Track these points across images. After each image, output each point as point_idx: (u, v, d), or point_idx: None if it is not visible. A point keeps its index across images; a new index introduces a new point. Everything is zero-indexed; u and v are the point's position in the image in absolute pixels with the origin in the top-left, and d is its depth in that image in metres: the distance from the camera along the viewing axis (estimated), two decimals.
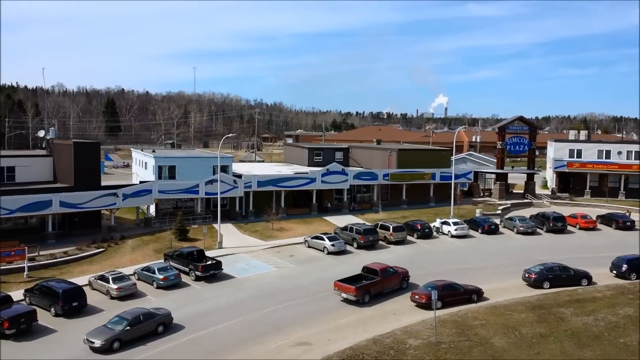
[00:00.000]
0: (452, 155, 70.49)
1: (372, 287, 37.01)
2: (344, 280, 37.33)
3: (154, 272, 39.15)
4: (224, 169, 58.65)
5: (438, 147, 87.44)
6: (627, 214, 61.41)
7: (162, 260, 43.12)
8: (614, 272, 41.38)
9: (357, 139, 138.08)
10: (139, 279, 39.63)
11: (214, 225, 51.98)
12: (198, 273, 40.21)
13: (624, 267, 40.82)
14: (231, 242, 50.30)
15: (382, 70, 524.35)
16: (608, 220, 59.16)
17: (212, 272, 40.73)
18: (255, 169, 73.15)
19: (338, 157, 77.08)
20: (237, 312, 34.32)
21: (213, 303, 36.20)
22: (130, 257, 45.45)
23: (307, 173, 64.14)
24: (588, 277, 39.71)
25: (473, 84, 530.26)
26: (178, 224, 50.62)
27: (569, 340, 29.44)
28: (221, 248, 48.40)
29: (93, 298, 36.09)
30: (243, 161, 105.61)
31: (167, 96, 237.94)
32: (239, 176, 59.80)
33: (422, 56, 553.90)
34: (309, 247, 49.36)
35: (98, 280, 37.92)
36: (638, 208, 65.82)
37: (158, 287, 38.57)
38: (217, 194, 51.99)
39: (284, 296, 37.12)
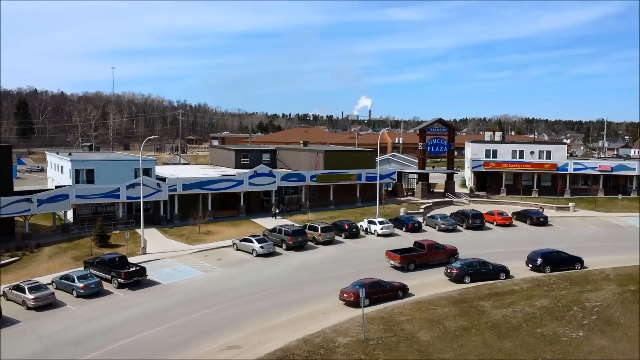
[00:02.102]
0: (377, 157, 72.04)
1: (417, 258, 43.83)
2: (394, 251, 44.30)
3: (73, 281, 37.42)
4: (147, 172, 56.91)
5: (363, 149, 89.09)
6: (541, 210, 65.03)
7: (82, 268, 41.27)
8: (530, 265, 43.71)
9: (284, 140, 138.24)
10: (57, 288, 37.76)
11: (137, 230, 50.34)
12: (121, 280, 38.79)
13: (539, 260, 43.16)
14: (156, 247, 48.90)
15: (308, 72, 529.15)
16: (523, 216, 62.39)
17: (136, 279, 39.41)
18: (180, 171, 71.56)
19: (265, 159, 76.84)
20: (163, 319, 33.41)
21: (138, 310, 35.04)
22: (47, 266, 43.20)
23: (235, 175, 63.47)
24: (506, 271, 41.73)
25: (395, 86, 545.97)
26: (98, 230, 48.64)
27: (489, 332, 30.81)
28: (145, 254, 46.93)
29: (8, 309, 33.98)
30: (167, 164, 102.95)
31: (84, 97, 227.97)
32: (163, 179, 58.26)
33: (346, 58, 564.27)
34: (237, 249, 48.84)
35: (13, 291, 35.84)
36: (550, 204, 70.00)
37: (78, 296, 36.87)
38: (139, 198, 50.37)
39: (212, 300, 36.53)
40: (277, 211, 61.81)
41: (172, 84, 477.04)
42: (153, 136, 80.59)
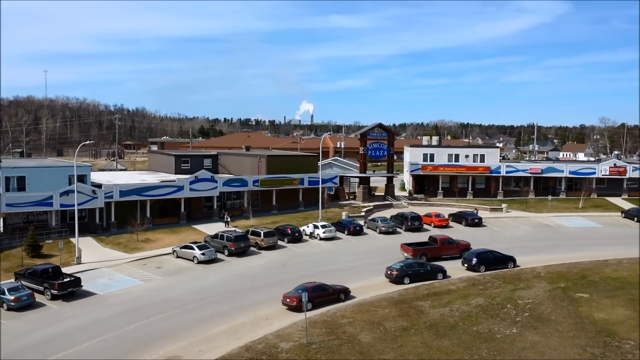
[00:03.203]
0: (319, 161, 72.51)
1: (429, 251, 47.17)
2: (408, 244, 48.12)
3: (3, 293, 35.66)
4: (82, 178, 54.96)
5: (306, 153, 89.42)
6: (475, 211, 67.28)
7: (13, 280, 39.40)
8: (465, 265, 45.18)
9: (226, 145, 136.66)
10: None
11: (72, 239, 48.60)
12: (54, 292, 37.33)
13: (474, 260, 44.70)
14: (91, 256, 47.33)
15: (250, 77, 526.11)
16: (459, 218, 64.40)
17: (71, 290, 38.03)
18: (117, 178, 69.55)
19: (207, 164, 75.85)
20: (99, 331, 32.37)
21: (73, 322, 33.80)
22: None
23: (175, 181, 62.30)
24: (443, 271, 42.96)
25: (337, 92, 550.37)
26: (30, 240, 46.61)
27: (428, 331, 31.62)
28: (80, 263, 45.35)
29: None
30: (103, 170, 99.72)
31: (15, 101, 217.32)
32: (99, 186, 56.49)
33: (288, 64, 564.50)
34: (177, 257, 47.94)
35: None
36: (484, 206, 72.50)
37: (9, 309, 35.19)
38: (74, 205, 48.62)
39: (151, 310, 35.69)
40: (229, 219, 59.80)
41: (109, 89, 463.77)
42: (88, 141, 77.92)
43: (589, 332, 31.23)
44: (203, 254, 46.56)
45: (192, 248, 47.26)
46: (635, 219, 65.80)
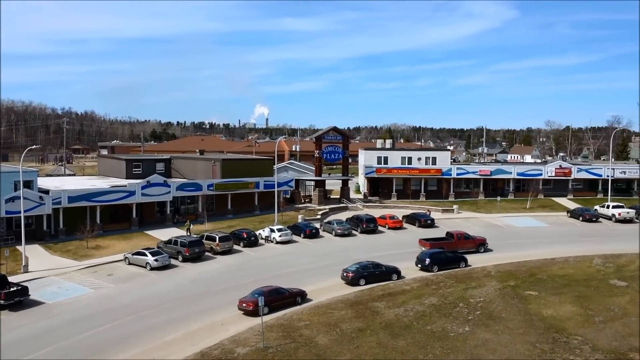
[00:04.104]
0: (275, 164, 72.46)
1: (446, 246, 49.42)
2: (426, 239, 51.40)
3: None
4: (28, 184, 53.13)
5: (261, 157, 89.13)
6: (428, 213, 68.59)
7: None
8: (419, 265, 45.96)
9: (179, 149, 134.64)
10: None
11: (18, 247, 46.87)
12: (0, 301, 35.90)
13: (427, 260, 45.52)
14: (39, 264, 45.78)
15: (203, 79, 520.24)
16: (412, 219, 65.47)
17: (18, 299, 36.66)
18: (66, 183, 67.54)
19: (159, 168, 74.58)
20: (49, 340, 31.31)
21: (20, 333, 32.58)
22: None
23: (126, 186, 60.97)
24: (397, 272, 43.57)
25: (291, 95, 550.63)
26: None
27: (383, 331, 32.01)
28: (27, 272, 43.80)
29: None
30: (51, 175, 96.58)
31: None
32: (46, 192, 54.70)
33: (241, 67, 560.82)
34: (129, 264, 46.90)
35: None
36: (436, 207, 74.00)
37: None
38: (20, 212, 46.93)
39: (103, 318, 34.79)
40: (191, 226, 57.65)
41: (56, 91, 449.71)
42: (35, 146, 75.61)
43: (538, 329, 32.27)
44: (156, 260, 45.70)
45: (144, 254, 46.30)
46: (580, 218, 68.49)
